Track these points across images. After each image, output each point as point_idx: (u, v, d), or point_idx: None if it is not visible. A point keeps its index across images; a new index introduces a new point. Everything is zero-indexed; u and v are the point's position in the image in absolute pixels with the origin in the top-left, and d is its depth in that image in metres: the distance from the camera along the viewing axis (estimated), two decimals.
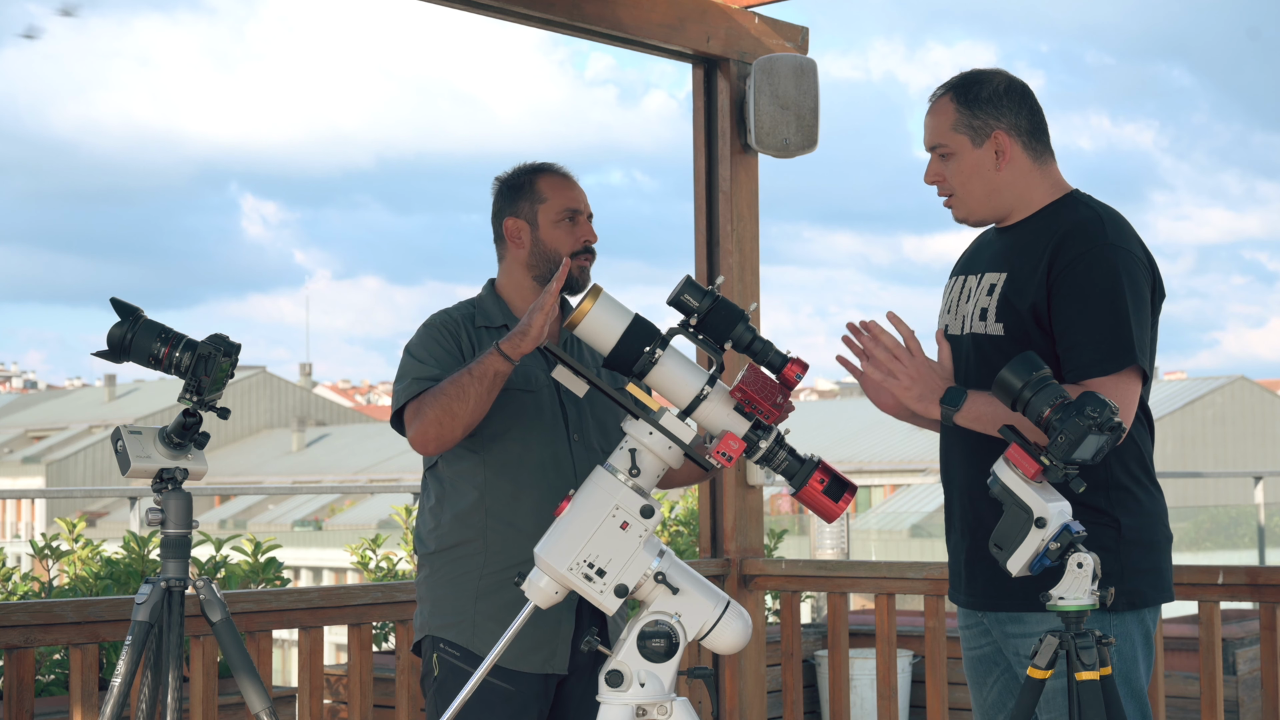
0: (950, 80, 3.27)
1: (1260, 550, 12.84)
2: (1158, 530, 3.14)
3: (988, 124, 3.19)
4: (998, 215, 3.24)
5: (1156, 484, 3.18)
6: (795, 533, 17.50)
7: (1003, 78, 3.24)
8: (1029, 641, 3.10)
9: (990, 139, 3.18)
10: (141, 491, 8.12)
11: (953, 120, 3.21)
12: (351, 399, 60.41)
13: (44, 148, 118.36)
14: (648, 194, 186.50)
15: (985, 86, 3.21)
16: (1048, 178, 3.22)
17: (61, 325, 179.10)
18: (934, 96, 3.27)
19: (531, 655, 3.44)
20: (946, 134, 3.21)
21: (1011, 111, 3.20)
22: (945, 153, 3.22)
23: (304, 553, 25.26)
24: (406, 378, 3.49)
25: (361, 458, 39.91)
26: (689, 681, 3.80)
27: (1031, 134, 3.21)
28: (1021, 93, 3.23)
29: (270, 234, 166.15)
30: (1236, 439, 32.39)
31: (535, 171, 3.65)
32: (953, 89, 3.24)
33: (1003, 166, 3.19)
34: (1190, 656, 6.45)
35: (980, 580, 3.19)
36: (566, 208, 3.60)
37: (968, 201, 3.23)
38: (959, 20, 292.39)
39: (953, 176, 3.22)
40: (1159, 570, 3.13)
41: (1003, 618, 3.16)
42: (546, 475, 3.48)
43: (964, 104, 3.20)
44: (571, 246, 3.58)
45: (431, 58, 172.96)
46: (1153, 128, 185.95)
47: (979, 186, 3.20)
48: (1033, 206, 3.20)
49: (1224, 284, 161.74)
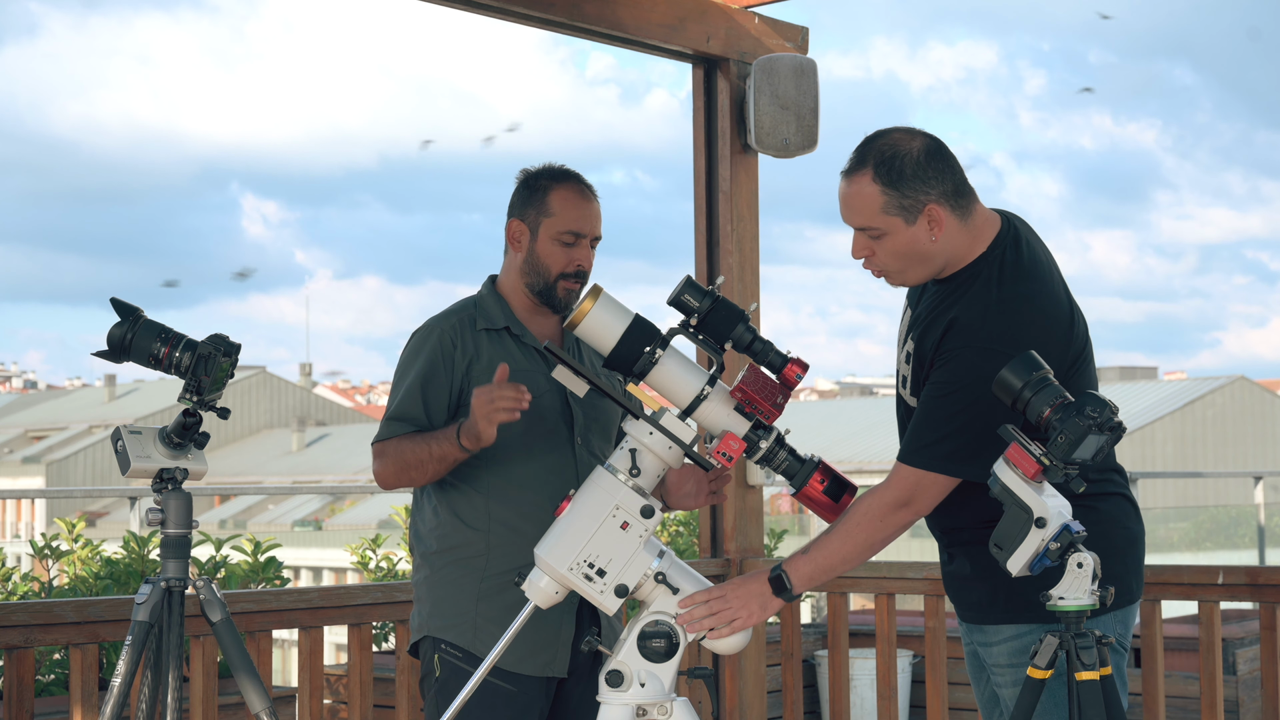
0: (862, 153, 3.08)
1: (1260, 550, 12.83)
2: (1116, 533, 3.09)
3: (918, 200, 3.03)
4: (932, 276, 3.14)
5: (1124, 485, 3.15)
6: (795, 533, 17.50)
7: (918, 142, 3.06)
8: (991, 650, 3.15)
9: (923, 214, 3.05)
10: (141, 491, 8.11)
11: (881, 203, 3.03)
12: (351, 399, 60.41)
13: (44, 147, 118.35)
14: (649, 193, 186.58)
15: (907, 160, 3.03)
16: (971, 230, 3.10)
17: (61, 325, 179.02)
18: (849, 172, 3.09)
19: (532, 658, 3.44)
20: (876, 217, 3.06)
21: (937, 179, 3.04)
22: (876, 235, 3.08)
23: (304, 553, 25.26)
24: (390, 406, 3.53)
25: (361, 458, 39.87)
26: (689, 681, 3.80)
27: (956, 194, 3.08)
28: (940, 154, 3.06)
29: (271, 233, 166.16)
30: (1236, 439, 32.39)
31: (554, 180, 3.59)
32: (873, 168, 3.05)
33: (938, 235, 3.06)
34: (1190, 656, 6.45)
35: (949, 589, 3.26)
36: (569, 230, 3.54)
37: (905, 273, 3.13)
38: (960, 19, 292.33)
39: (885, 255, 3.09)
40: (1123, 575, 3.07)
41: (971, 626, 3.22)
42: (550, 478, 3.48)
43: (890, 185, 3.03)
44: (561, 268, 3.54)
45: (432, 57, 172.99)
46: (1155, 127, 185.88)
47: (915, 259, 3.09)
48: (960, 263, 3.11)
49: (1226, 284, 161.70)
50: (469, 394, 3.48)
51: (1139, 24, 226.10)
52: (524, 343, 3.56)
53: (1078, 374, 3.06)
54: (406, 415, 3.48)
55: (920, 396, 3.08)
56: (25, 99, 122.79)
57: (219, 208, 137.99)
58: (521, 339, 3.56)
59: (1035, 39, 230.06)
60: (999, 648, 3.13)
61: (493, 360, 3.51)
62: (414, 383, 3.49)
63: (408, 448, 3.43)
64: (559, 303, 3.54)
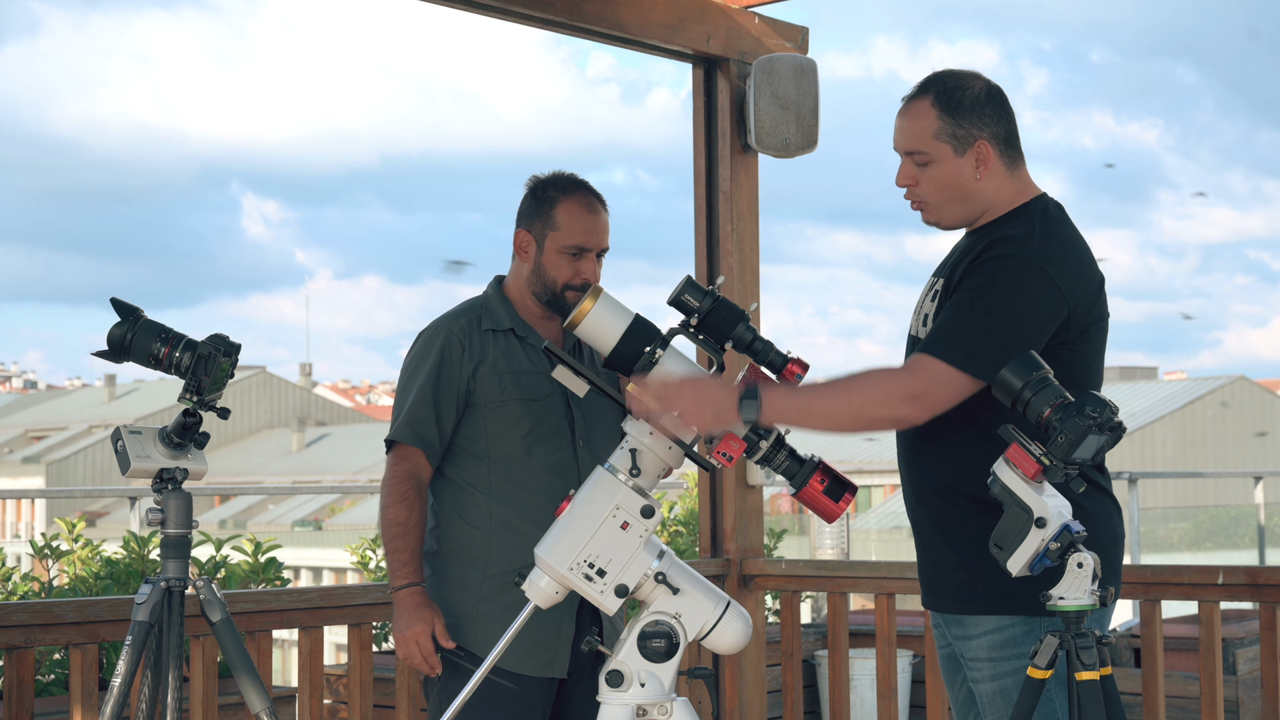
0: (927, 82, 3.14)
1: (1260, 550, 12.84)
2: (1099, 532, 3.07)
3: (971, 133, 3.09)
4: (969, 220, 3.17)
5: (1107, 486, 3.13)
6: (795, 533, 17.50)
7: (982, 83, 3.14)
8: (969, 644, 3.10)
9: (973, 148, 3.10)
10: (141, 491, 8.11)
11: (934, 128, 3.10)
12: (351, 399, 60.41)
13: (44, 146, 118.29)
14: (651, 193, 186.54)
15: (968, 93, 3.10)
16: (1017, 182, 3.15)
17: (61, 325, 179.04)
18: (910, 98, 3.15)
19: (533, 659, 3.44)
20: (927, 141, 3.11)
21: (993, 119, 3.11)
22: (923, 160, 3.12)
23: (304, 553, 25.27)
24: (401, 406, 3.55)
25: (361, 458, 39.90)
26: (689, 681, 3.80)
27: (1007, 141, 3.14)
28: (1000, 99, 3.14)
29: (272, 233, 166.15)
30: (1236, 439, 32.39)
31: (562, 191, 3.58)
32: (934, 93, 3.11)
33: (983, 175, 3.11)
34: (1190, 656, 6.45)
35: (925, 580, 3.21)
36: (575, 244, 3.54)
37: (942, 208, 3.15)
38: (962, 17, 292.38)
39: (928, 184, 3.13)
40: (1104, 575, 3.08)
41: (948, 619, 3.16)
42: (551, 479, 3.48)
43: (947, 111, 3.09)
44: (567, 280, 3.55)
45: (433, 56, 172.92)
46: (1158, 126, 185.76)
47: (956, 194, 3.12)
48: (998, 212, 3.14)
49: (1227, 283, 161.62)
50: (476, 394, 3.50)
51: (1141, 22, 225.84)
52: (529, 344, 3.56)
53: (1092, 338, 3.06)
54: (418, 422, 3.51)
55: (951, 299, 3.02)
56: (25, 98, 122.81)
57: (219, 207, 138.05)
58: (526, 340, 3.56)
59: (1036, 38, 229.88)
60: (978, 641, 3.07)
61: (498, 361, 3.52)
62: (425, 386, 3.51)
63: (390, 520, 3.49)
64: (567, 310, 3.55)
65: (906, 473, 3.20)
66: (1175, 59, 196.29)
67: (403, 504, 3.48)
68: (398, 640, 3.44)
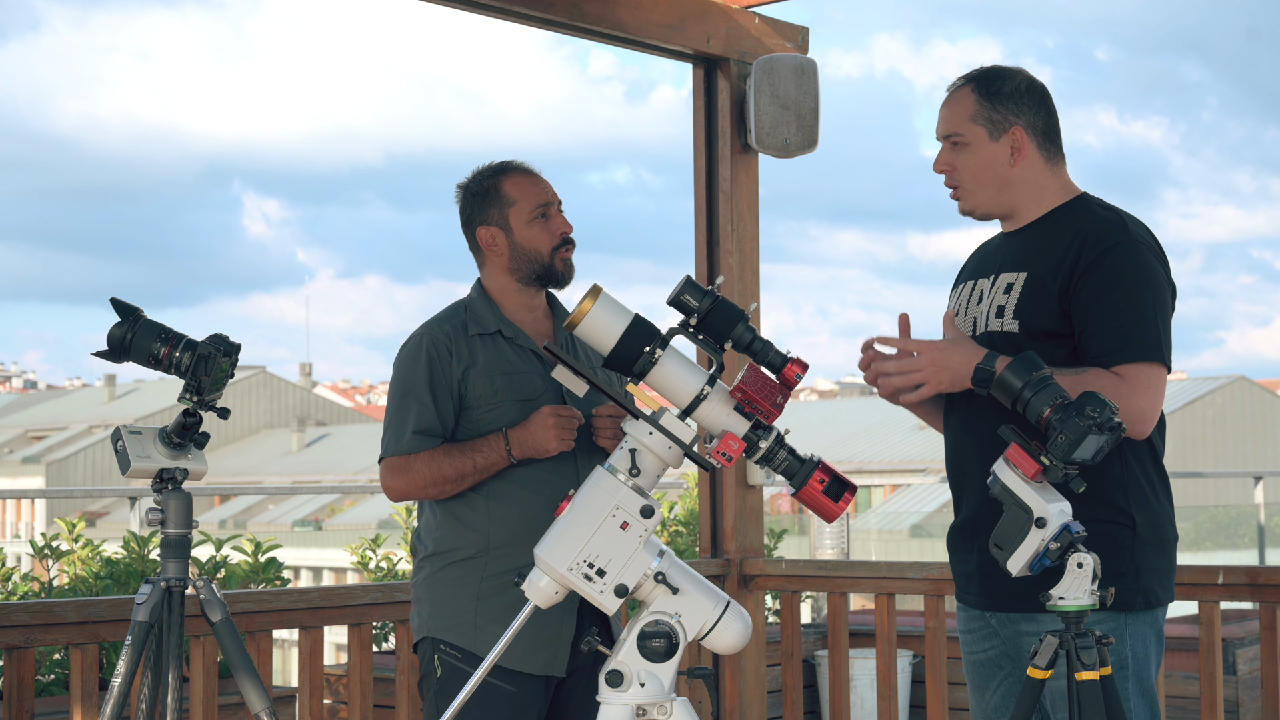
0: (971, 72, 3.27)
1: (1260, 550, 12.84)
2: (1166, 529, 3.13)
3: (1007, 119, 3.19)
4: (1003, 211, 3.23)
5: (1167, 484, 3.17)
6: (795, 533, 17.49)
7: (1024, 76, 3.25)
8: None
9: (1008, 134, 3.18)
10: (141, 491, 8.12)
11: (971, 111, 3.20)
12: (351, 399, 60.40)
13: (45, 144, 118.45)
14: (653, 191, 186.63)
15: (1007, 82, 3.22)
16: (1058, 179, 3.23)
17: (61, 325, 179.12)
18: (953, 87, 3.27)
19: (533, 657, 3.44)
20: (964, 124, 3.21)
21: (1030, 110, 3.21)
22: (959, 142, 3.21)
23: (304, 553, 25.25)
24: (400, 423, 3.51)
25: (361, 458, 39.87)
26: (689, 681, 3.80)
27: (1046, 135, 3.22)
28: (1041, 93, 3.24)
29: (273, 232, 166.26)
30: (1236, 439, 32.38)
31: (498, 174, 3.64)
32: (974, 80, 3.23)
33: (1017, 163, 3.19)
34: (1190, 656, 6.44)
35: (984, 582, 3.16)
36: (537, 205, 3.60)
37: (976, 193, 3.22)
38: (964, 15, 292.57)
39: (964, 167, 3.22)
40: (1168, 570, 3.12)
41: (1015, 617, 3.13)
42: (550, 479, 3.48)
43: (985, 96, 3.20)
44: (550, 243, 3.59)
45: (436, 55, 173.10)
46: (1163, 124, 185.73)
47: (990, 180, 3.20)
48: (1044, 207, 3.20)
49: (1231, 283, 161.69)
50: (469, 397, 3.49)
51: (1148, 19, 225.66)
52: (517, 344, 3.56)
53: (1172, 312, 3.17)
54: (429, 429, 3.50)
55: (1089, 299, 3.05)
56: (26, 96, 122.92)
57: (220, 206, 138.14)
58: (514, 341, 3.57)
59: (1040, 35, 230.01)
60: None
61: (488, 364, 3.52)
62: (425, 393, 3.50)
63: (445, 462, 3.45)
64: (561, 277, 3.60)
65: (980, 468, 3.07)
66: (1182, 56, 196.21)
67: (421, 460, 3.47)
68: (540, 438, 3.41)
